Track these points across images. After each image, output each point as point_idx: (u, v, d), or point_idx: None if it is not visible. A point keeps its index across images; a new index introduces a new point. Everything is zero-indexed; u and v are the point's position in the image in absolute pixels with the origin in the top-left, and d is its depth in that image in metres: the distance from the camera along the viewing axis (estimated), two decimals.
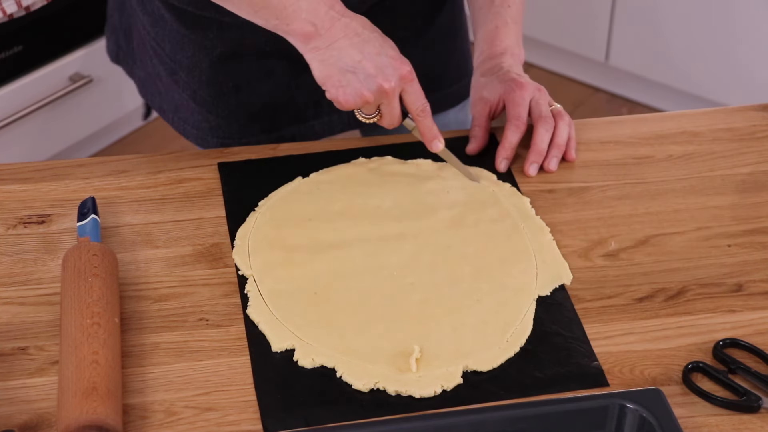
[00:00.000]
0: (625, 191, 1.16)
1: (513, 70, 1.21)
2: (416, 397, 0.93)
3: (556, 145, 1.19)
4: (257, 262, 1.07)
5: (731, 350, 0.98)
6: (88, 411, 0.87)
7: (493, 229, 1.10)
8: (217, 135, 1.32)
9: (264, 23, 1.09)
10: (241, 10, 1.10)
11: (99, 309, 0.96)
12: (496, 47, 1.24)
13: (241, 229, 1.11)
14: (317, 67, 1.08)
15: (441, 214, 1.12)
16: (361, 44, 1.07)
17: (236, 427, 0.91)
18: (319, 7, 1.07)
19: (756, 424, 0.91)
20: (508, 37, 1.24)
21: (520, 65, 1.24)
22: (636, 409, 0.87)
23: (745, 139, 1.25)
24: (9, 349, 0.98)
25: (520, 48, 1.25)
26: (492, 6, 1.25)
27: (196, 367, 0.96)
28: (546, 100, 1.20)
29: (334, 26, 1.06)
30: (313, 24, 1.06)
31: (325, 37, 1.06)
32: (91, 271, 1.00)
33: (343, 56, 1.06)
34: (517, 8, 1.25)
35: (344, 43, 1.06)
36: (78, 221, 1.08)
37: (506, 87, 1.20)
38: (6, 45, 2.30)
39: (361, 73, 1.06)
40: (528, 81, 1.20)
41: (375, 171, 1.18)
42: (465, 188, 1.16)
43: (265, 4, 1.07)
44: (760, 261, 1.08)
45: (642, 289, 1.04)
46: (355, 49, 1.06)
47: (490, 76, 1.22)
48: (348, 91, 1.07)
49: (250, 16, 1.10)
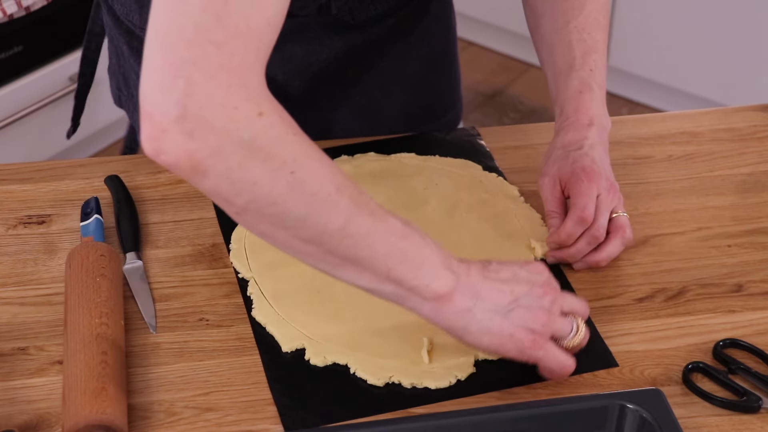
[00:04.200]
0: (625, 191, 1.16)
1: (591, 154, 1.07)
2: (432, 388, 0.94)
3: (594, 260, 1.06)
4: (256, 263, 1.06)
5: (731, 350, 0.98)
6: (97, 411, 0.87)
7: (486, 216, 1.11)
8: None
9: (394, 290, 0.87)
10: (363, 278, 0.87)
11: (107, 309, 0.97)
12: (582, 115, 1.09)
13: (235, 232, 1.11)
14: (477, 332, 0.88)
15: (433, 205, 1.13)
16: (496, 278, 0.90)
17: (236, 427, 0.91)
18: (450, 259, 0.88)
19: (756, 424, 0.91)
20: (593, 104, 1.09)
21: (605, 140, 1.10)
22: (636, 409, 0.87)
23: (745, 139, 1.25)
24: (9, 349, 0.98)
25: (606, 118, 1.11)
26: (572, 70, 1.11)
27: (197, 368, 0.96)
28: (609, 206, 1.05)
29: (469, 276, 0.88)
30: (453, 280, 0.87)
31: (468, 294, 0.88)
32: (99, 271, 1.00)
33: (497, 301, 0.89)
34: (600, 73, 1.11)
35: (486, 289, 0.89)
36: (81, 221, 1.08)
37: (575, 172, 1.06)
38: (6, 45, 2.30)
39: (522, 301, 0.89)
40: (601, 171, 1.06)
41: (360, 168, 1.19)
42: (452, 178, 1.17)
43: (404, 259, 0.86)
44: (760, 261, 1.08)
45: (642, 290, 1.05)
46: (498, 284, 0.89)
47: (569, 152, 1.07)
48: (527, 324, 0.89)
49: (375, 285, 0.87)
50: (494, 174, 1.18)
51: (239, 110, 0.78)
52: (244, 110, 0.78)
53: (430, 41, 1.29)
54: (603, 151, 1.08)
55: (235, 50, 0.78)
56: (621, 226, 1.05)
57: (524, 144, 1.24)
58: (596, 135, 1.08)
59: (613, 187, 1.06)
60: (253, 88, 0.80)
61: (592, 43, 1.12)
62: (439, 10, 1.29)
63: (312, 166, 0.82)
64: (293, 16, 1.14)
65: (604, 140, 1.09)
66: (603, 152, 1.08)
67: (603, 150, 1.08)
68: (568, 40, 1.12)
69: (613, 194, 1.06)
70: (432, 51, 1.30)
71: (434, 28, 1.29)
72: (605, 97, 1.11)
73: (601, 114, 1.10)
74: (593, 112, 1.09)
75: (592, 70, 1.11)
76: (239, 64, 0.78)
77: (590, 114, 1.09)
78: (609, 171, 1.07)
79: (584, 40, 1.12)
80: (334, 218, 0.83)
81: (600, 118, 1.09)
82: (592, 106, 1.09)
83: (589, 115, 1.09)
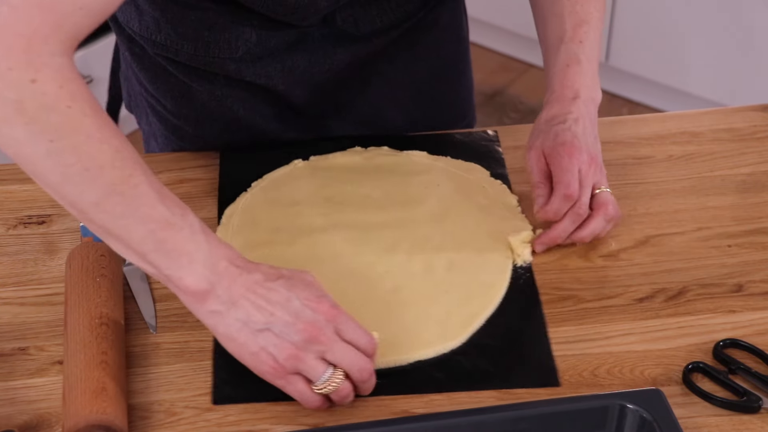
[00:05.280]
0: (625, 191, 1.16)
1: (574, 129, 1.07)
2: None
3: (578, 237, 1.07)
4: (239, 240, 1.08)
5: (731, 350, 0.98)
6: (97, 411, 0.87)
7: (475, 222, 1.11)
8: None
9: (154, 272, 0.89)
10: (127, 254, 0.89)
11: (107, 310, 0.97)
12: (567, 89, 1.09)
13: (228, 208, 1.13)
14: (223, 336, 0.89)
15: (427, 205, 1.13)
16: (266, 295, 0.89)
17: (236, 427, 0.91)
18: (218, 261, 0.88)
19: (756, 424, 0.91)
20: (580, 77, 1.10)
21: (592, 113, 1.10)
22: (636, 409, 0.87)
23: (746, 139, 1.25)
24: (9, 350, 0.98)
25: (595, 90, 1.11)
26: (561, 43, 1.12)
27: (197, 368, 0.96)
28: (590, 181, 1.06)
29: (234, 283, 0.88)
30: (209, 281, 0.87)
31: (223, 298, 0.88)
32: (99, 272, 1.00)
33: (252, 315, 0.88)
34: (591, 45, 1.11)
35: (247, 301, 0.88)
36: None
37: (556, 147, 1.06)
38: None
39: (276, 326, 0.88)
40: (582, 145, 1.06)
41: (370, 160, 1.20)
42: (455, 181, 1.17)
43: (159, 247, 0.87)
44: (760, 261, 1.08)
45: (642, 290, 1.05)
46: (262, 301, 0.88)
47: (552, 126, 1.08)
48: (271, 350, 0.88)
49: (136, 262, 0.89)
50: (499, 181, 1.17)
51: (12, 72, 0.81)
52: (16, 73, 0.81)
53: (439, 52, 1.28)
54: (588, 124, 1.08)
55: (30, 17, 0.81)
56: (603, 202, 1.06)
57: (524, 144, 1.23)
58: (582, 108, 1.08)
59: (594, 161, 1.06)
60: (37, 56, 0.82)
61: (583, 14, 1.12)
62: (448, 21, 1.28)
63: (75, 140, 0.84)
64: (294, 26, 1.14)
65: (590, 113, 1.09)
66: (588, 125, 1.08)
67: (589, 123, 1.08)
68: (560, 11, 1.13)
69: (595, 168, 1.06)
70: (441, 61, 1.29)
71: (443, 38, 1.28)
72: (597, 68, 1.12)
73: (590, 86, 1.10)
74: (579, 85, 1.09)
75: (581, 42, 1.11)
76: (29, 31, 0.81)
77: (575, 87, 1.09)
78: (592, 145, 1.08)
79: (576, 12, 1.12)
80: (87, 193, 0.85)
81: (588, 90, 1.09)
82: (577, 80, 1.09)
83: (575, 89, 1.09)
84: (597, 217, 1.06)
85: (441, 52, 1.28)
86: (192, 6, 1.12)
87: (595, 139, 1.09)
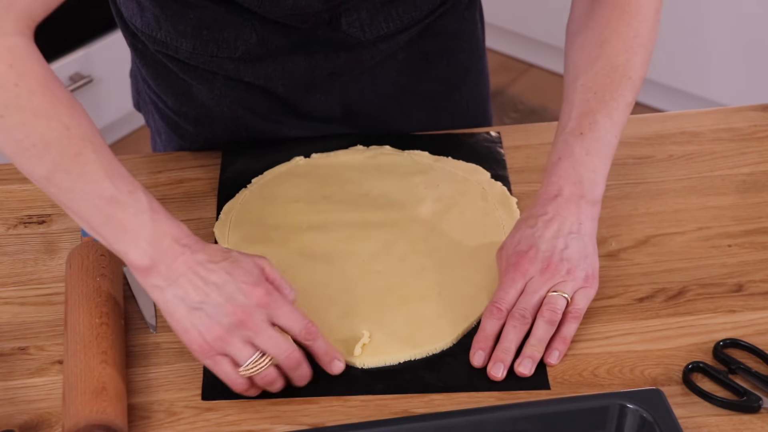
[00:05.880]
0: (625, 191, 1.16)
1: (540, 233, 1.00)
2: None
3: (529, 345, 0.97)
4: (235, 236, 1.09)
5: (731, 350, 0.98)
6: (97, 411, 0.87)
7: (472, 224, 1.11)
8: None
9: (105, 244, 0.93)
10: (81, 224, 0.92)
11: (107, 309, 0.97)
12: (551, 186, 1.02)
13: (227, 204, 1.13)
14: (164, 310, 0.92)
15: (425, 206, 1.13)
16: (206, 275, 0.91)
17: (236, 427, 0.91)
18: (162, 239, 0.90)
19: (756, 424, 0.91)
20: (568, 172, 1.02)
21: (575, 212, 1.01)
22: (636, 409, 0.87)
23: (746, 139, 1.25)
24: (9, 349, 0.98)
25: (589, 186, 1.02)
26: (561, 134, 1.05)
27: (197, 367, 0.96)
28: (541, 289, 0.98)
29: (176, 261, 0.90)
30: (151, 258, 0.90)
31: (164, 274, 0.90)
32: (99, 271, 1.00)
33: (189, 293, 0.90)
34: (596, 136, 1.03)
35: (186, 279, 0.90)
36: None
37: (512, 255, 1.01)
38: None
39: (208, 307, 0.90)
40: (536, 255, 0.99)
41: (371, 159, 1.20)
42: (455, 182, 1.17)
43: (107, 222, 0.90)
44: (761, 261, 1.08)
45: (642, 289, 1.05)
46: (199, 281, 0.90)
47: (521, 228, 1.02)
48: (200, 329, 0.90)
49: (90, 232, 0.92)
50: (499, 183, 1.17)
51: None
52: None
53: (448, 59, 1.27)
54: (567, 224, 1.00)
55: None
56: (546, 303, 0.98)
57: (524, 144, 1.23)
58: (562, 206, 1.01)
59: (547, 269, 0.99)
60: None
61: (595, 103, 1.05)
62: (459, 29, 1.26)
63: (23, 118, 0.87)
64: (297, 29, 1.13)
65: (573, 212, 1.01)
66: (567, 225, 1.00)
67: (568, 223, 1.01)
68: (572, 98, 1.06)
69: (549, 277, 0.98)
70: (453, 69, 1.28)
71: (453, 46, 1.26)
72: (602, 161, 1.03)
73: (579, 182, 1.02)
74: (563, 181, 1.02)
75: (582, 133, 1.03)
76: None
77: (559, 184, 1.02)
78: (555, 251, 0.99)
79: (587, 101, 1.05)
80: (37, 168, 0.89)
81: (575, 187, 1.02)
82: (565, 175, 1.02)
83: (558, 186, 1.02)
84: (537, 321, 0.98)
85: (450, 60, 1.27)
86: (191, 4, 1.12)
87: (574, 238, 1.00)
